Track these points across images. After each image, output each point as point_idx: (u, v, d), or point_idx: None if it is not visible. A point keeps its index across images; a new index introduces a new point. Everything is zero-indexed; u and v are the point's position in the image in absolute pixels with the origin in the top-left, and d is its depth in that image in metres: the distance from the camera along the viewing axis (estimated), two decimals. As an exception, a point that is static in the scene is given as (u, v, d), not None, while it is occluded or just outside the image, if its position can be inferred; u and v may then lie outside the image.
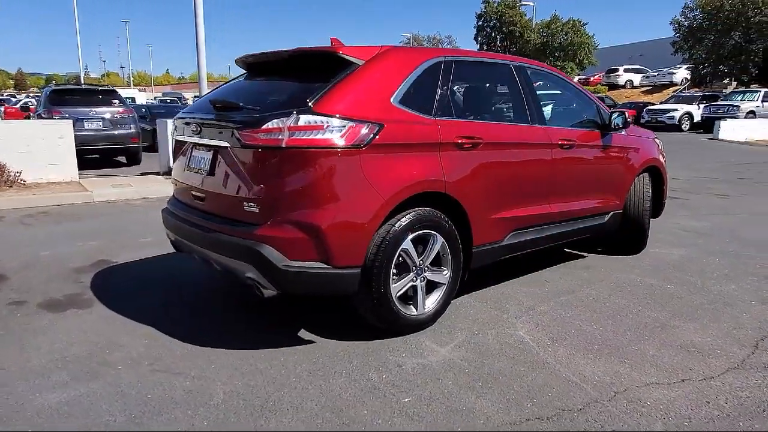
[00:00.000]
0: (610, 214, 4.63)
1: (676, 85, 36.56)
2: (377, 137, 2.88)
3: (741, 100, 24.43)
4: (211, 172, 3.10)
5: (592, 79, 41.95)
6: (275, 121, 2.76)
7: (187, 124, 3.37)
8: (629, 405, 2.48)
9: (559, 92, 4.36)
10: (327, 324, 3.37)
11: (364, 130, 2.84)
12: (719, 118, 21.61)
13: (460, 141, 3.28)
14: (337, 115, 2.79)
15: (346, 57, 3.01)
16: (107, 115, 11.18)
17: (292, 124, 2.73)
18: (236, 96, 3.30)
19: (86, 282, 4.14)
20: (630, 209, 4.79)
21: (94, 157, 11.76)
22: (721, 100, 25.60)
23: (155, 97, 45.75)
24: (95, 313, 3.54)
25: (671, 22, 31.30)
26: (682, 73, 36.41)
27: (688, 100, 26.35)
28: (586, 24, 42.83)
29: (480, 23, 52.99)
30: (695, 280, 4.30)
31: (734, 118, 22.70)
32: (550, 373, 2.79)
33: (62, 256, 4.80)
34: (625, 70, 40.45)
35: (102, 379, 2.69)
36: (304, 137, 2.74)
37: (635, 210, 4.80)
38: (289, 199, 2.77)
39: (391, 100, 3.05)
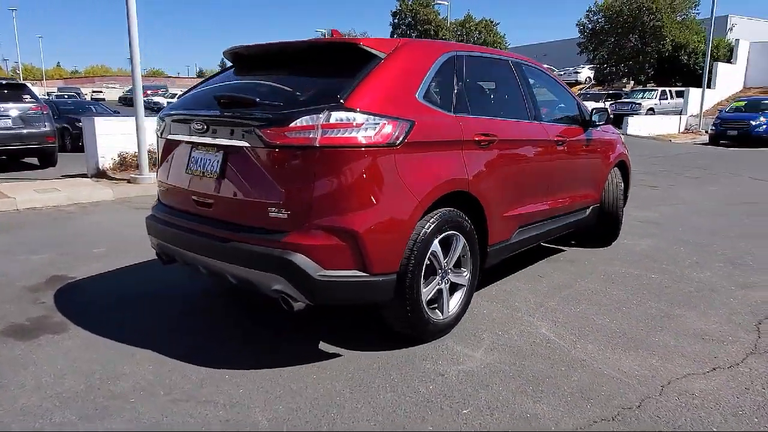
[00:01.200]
0: (590, 208, 4.76)
1: (581, 83, 38.94)
2: (409, 135, 2.73)
3: (642, 98, 26.49)
4: (222, 175, 2.79)
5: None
6: (306, 118, 2.53)
7: (184, 121, 3.03)
8: (681, 398, 2.51)
9: (546, 88, 4.41)
10: (343, 332, 3.17)
11: (397, 128, 2.67)
12: (625, 115, 23.29)
13: (478, 138, 3.20)
14: (371, 112, 2.60)
15: (370, 50, 2.82)
16: (16, 112, 10.03)
17: (325, 122, 2.51)
18: (240, 91, 3.00)
19: (48, 302, 3.64)
20: (606, 203, 4.95)
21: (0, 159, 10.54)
22: (624, 98, 27.61)
23: (48, 93, 42.10)
24: (76, 338, 3.10)
25: (577, 24, 33.45)
26: (586, 73, 38.86)
27: (596, 98, 28.14)
28: (497, 24, 44.60)
29: (395, 21, 53.58)
30: (673, 269, 4.51)
31: (637, 114, 24.57)
32: (591, 370, 2.78)
33: (7, 275, 4.19)
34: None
35: (118, 416, 2.34)
36: (338, 135, 2.52)
37: (611, 203, 4.97)
38: (324, 203, 2.55)
39: (416, 95, 2.91)
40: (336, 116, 2.53)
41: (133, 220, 6.15)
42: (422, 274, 2.87)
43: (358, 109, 2.57)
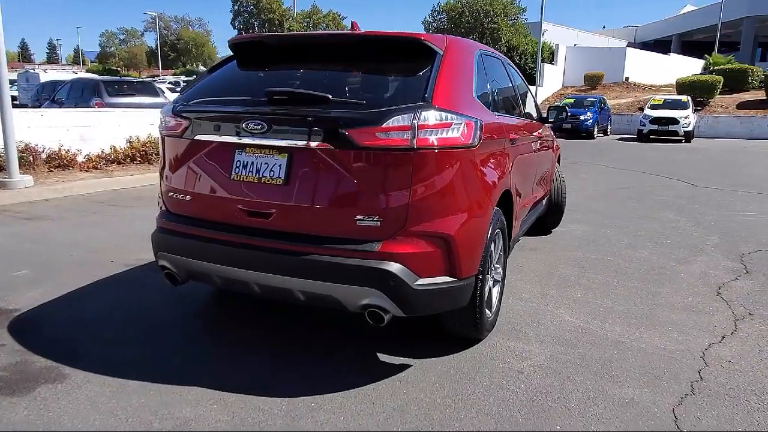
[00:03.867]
0: (545, 199, 5.13)
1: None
2: (482, 135, 2.70)
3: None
4: (288, 180, 2.48)
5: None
6: (400, 117, 2.37)
7: (226, 120, 2.63)
8: (725, 366, 2.86)
9: (520, 85, 4.61)
10: (389, 340, 3.04)
11: (475, 128, 2.63)
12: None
13: (512, 137, 3.27)
14: (454, 111, 2.52)
15: (431, 45, 2.72)
16: None
17: (423, 122, 2.37)
18: (292, 87, 2.69)
19: (11, 344, 2.92)
20: (555, 193, 5.37)
21: None
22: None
23: None
24: (89, 384, 2.54)
25: (422, 23, 35.20)
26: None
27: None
28: (345, 18, 45.07)
29: (236, 8, 51.33)
30: (617, 251, 5.06)
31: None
32: (637, 350, 3.02)
33: None
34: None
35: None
36: (433, 136, 2.41)
37: (559, 194, 5.41)
38: (420, 207, 2.42)
39: (473, 94, 2.88)
40: (431, 116, 2.41)
41: (32, 234, 5.18)
42: (488, 274, 2.87)
43: (446, 109, 2.48)
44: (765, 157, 14.57)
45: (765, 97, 24.64)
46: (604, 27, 70.18)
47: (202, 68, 57.29)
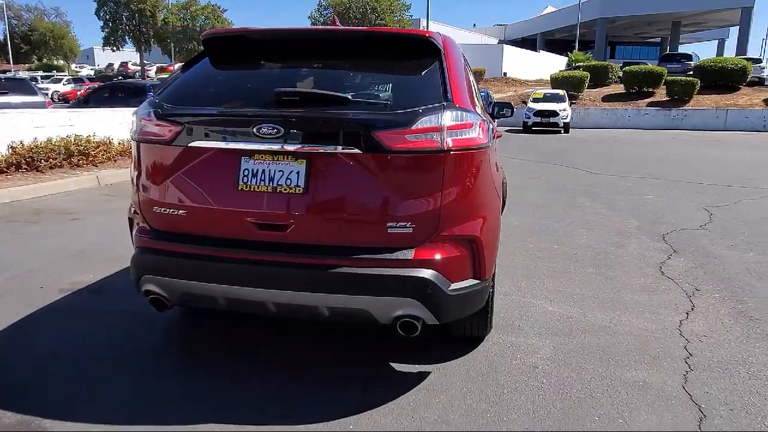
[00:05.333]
0: (494, 192, 5.26)
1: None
2: (492, 134, 2.69)
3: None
4: (308, 188, 2.28)
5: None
6: (430, 118, 2.28)
7: (232, 123, 2.35)
8: (702, 340, 3.13)
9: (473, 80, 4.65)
10: (395, 349, 2.95)
11: (487, 127, 2.60)
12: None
13: (496, 134, 3.30)
14: (472, 110, 2.48)
15: (437, 43, 2.64)
16: None
17: (452, 122, 2.30)
18: (296, 85, 2.47)
19: (-44, 400, 2.41)
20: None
21: None
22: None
23: None
24: (85, 438, 2.17)
25: (309, 17, 34.72)
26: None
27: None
28: (225, 10, 43.11)
29: (101, -4, 46.94)
30: (560, 239, 5.35)
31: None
32: (625, 334, 3.20)
33: None
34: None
35: None
36: (460, 137, 2.35)
37: (503, 188, 5.57)
38: (451, 211, 2.35)
39: (472, 93, 2.85)
40: (456, 116, 2.34)
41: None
42: None
43: (466, 108, 2.42)
44: (636, 146, 16.25)
45: (624, 91, 27.50)
46: (474, 25, 74.28)
47: (62, 62, 51.90)
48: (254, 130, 2.28)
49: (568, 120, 21.17)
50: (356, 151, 2.25)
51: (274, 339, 3.09)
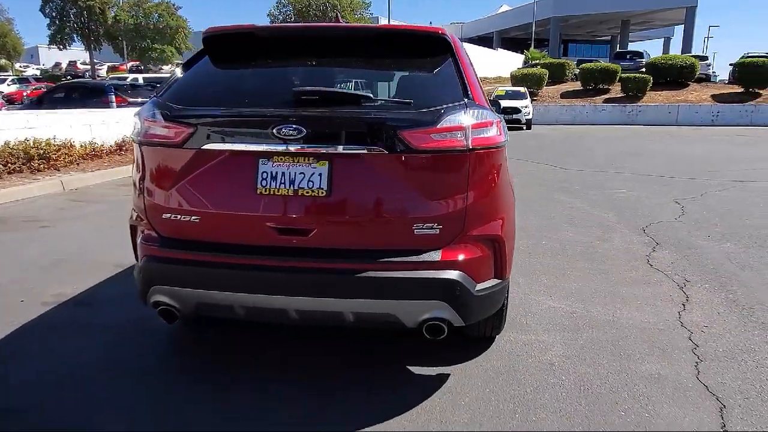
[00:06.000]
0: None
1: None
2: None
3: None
4: (331, 191, 2.20)
5: (190, 64, 41.72)
6: (454, 116, 2.24)
7: (246, 124, 2.25)
8: (704, 331, 3.20)
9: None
10: (406, 353, 2.90)
11: (503, 125, 2.58)
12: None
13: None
14: (488, 109, 2.45)
15: (449, 39, 2.60)
16: None
17: (476, 121, 2.27)
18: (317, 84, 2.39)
19: (-50, 428, 2.22)
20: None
21: None
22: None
23: None
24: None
25: (268, 15, 34.17)
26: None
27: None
28: (180, 8, 41.92)
29: (47, -7, 44.84)
30: (547, 234, 5.40)
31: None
32: (630, 327, 3.25)
33: None
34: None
35: None
36: (482, 135, 2.32)
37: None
38: (475, 210, 2.32)
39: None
40: (478, 115, 2.31)
41: None
42: None
43: (484, 106, 2.39)
44: (598, 141, 16.69)
45: (581, 88, 28.25)
46: (431, 23, 74.68)
47: (4, 62, 49.42)
48: (274, 131, 2.18)
49: (530, 116, 21.56)
50: (381, 151, 2.19)
51: (285, 350, 2.99)
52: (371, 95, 2.27)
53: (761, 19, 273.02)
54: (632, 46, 59.15)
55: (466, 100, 2.34)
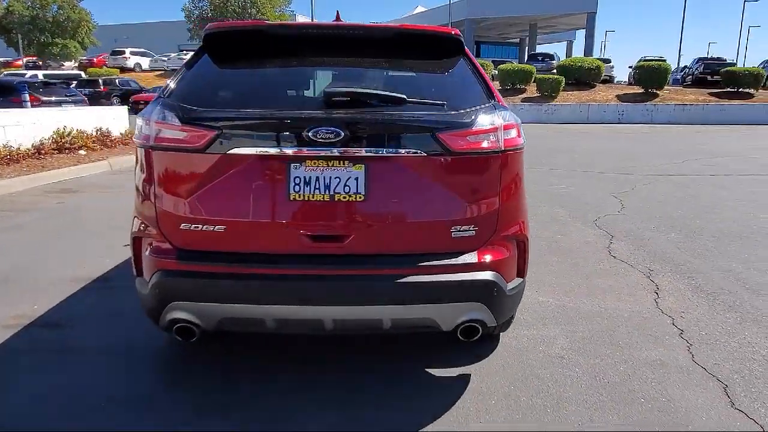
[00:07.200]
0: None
1: (187, 70, 38.33)
2: (520, 134, 2.71)
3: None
4: (368, 195, 2.14)
5: (96, 60, 39.19)
6: (487, 118, 2.25)
7: (293, 128, 2.12)
8: (684, 316, 3.44)
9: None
10: (411, 355, 2.89)
11: (521, 127, 2.62)
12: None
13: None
14: (509, 109, 2.49)
15: (463, 41, 2.60)
16: None
17: (507, 122, 2.30)
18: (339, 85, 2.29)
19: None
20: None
21: None
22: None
23: None
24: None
25: (183, 9, 32.60)
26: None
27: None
28: (80, 0, 38.93)
29: None
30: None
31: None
32: (618, 317, 3.42)
33: None
34: (132, 53, 39.67)
35: None
36: (509, 137, 2.35)
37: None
38: (507, 211, 2.35)
39: (489, 90, 2.86)
40: (506, 116, 2.34)
41: None
42: None
43: (507, 108, 2.42)
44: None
45: (500, 87, 29.30)
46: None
47: None
48: (309, 134, 2.09)
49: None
50: (418, 153, 2.16)
51: (294, 363, 2.86)
52: (405, 96, 2.22)
53: (650, 26, 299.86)
54: (540, 48, 62.41)
55: (492, 101, 2.35)
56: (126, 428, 2.26)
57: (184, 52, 39.56)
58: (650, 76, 27.18)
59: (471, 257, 2.24)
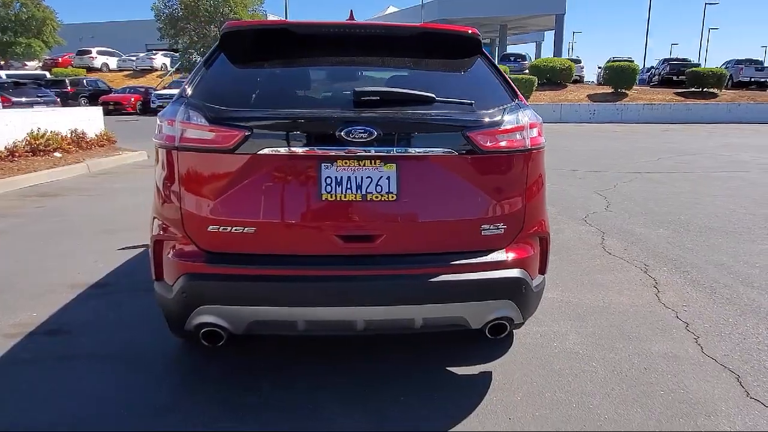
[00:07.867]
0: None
1: (156, 70, 37.64)
2: (534, 132, 2.74)
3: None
4: (399, 194, 2.13)
5: (61, 59, 38.15)
6: (514, 117, 2.28)
7: (326, 128, 2.10)
8: (687, 309, 3.53)
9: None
10: (422, 355, 2.90)
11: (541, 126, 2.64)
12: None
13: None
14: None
15: (481, 41, 2.62)
16: None
17: (532, 120, 2.32)
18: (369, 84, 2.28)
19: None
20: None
21: None
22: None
23: None
24: None
25: (152, 8, 31.94)
26: (161, 59, 37.80)
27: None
28: (44, -1, 37.76)
29: None
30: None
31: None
32: (624, 312, 3.49)
33: None
34: (99, 53, 38.73)
35: None
36: (533, 135, 2.38)
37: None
38: (532, 209, 2.38)
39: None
40: (531, 115, 2.37)
41: None
42: None
43: (530, 107, 2.45)
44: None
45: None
46: (322, 22, 74.09)
47: None
48: (342, 133, 2.07)
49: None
50: (449, 152, 2.17)
51: (309, 372, 2.83)
52: (434, 96, 2.22)
53: (616, 27, 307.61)
54: (510, 49, 63.33)
55: (516, 100, 2.38)
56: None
57: (153, 51, 38.83)
58: (619, 77, 27.84)
59: (500, 255, 2.26)
